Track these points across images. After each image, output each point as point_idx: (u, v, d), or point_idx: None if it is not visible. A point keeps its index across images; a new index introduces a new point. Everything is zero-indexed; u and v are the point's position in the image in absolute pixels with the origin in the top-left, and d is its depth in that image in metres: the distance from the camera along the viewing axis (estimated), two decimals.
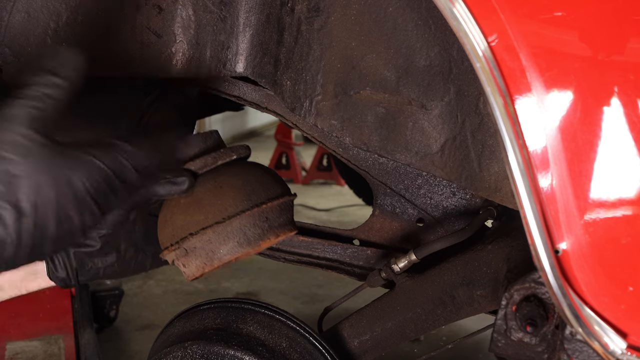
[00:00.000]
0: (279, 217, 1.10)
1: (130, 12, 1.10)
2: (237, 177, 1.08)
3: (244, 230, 1.06)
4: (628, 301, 0.85)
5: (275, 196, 1.09)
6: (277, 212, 1.10)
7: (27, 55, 1.19)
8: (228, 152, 1.11)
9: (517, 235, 1.06)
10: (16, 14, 1.18)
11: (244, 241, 1.06)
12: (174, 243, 1.07)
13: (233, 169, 1.10)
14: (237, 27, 1.08)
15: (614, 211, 0.84)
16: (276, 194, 1.10)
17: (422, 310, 1.17)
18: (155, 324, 3.01)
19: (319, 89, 1.13)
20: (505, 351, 0.96)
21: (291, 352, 1.15)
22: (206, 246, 1.06)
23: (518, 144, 0.84)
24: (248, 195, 1.06)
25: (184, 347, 1.12)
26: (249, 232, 1.06)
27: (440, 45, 1.04)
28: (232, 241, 1.05)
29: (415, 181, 1.27)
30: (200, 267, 1.07)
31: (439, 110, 1.08)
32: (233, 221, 1.04)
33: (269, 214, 1.08)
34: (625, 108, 0.81)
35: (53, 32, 1.17)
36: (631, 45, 0.81)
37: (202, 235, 1.05)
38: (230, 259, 1.06)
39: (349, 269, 1.35)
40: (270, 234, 1.08)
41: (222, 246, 1.05)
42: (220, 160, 1.10)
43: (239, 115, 8.39)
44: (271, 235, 1.08)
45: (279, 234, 1.09)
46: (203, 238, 1.05)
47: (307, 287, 3.47)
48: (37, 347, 2.29)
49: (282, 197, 1.10)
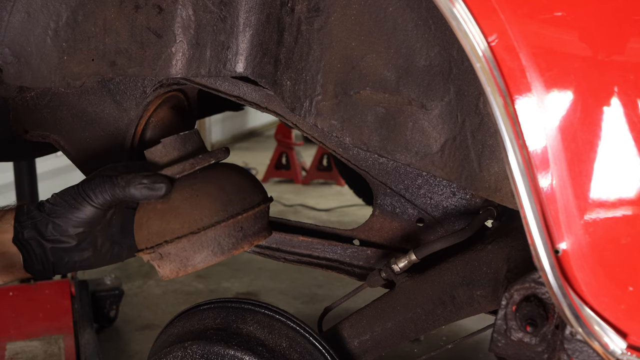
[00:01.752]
0: (253, 226, 1.13)
1: (129, 12, 1.10)
2: (214, 185, 1.10)
3: (218, 240, 1.08)
4: (628, 301, 0.85)
5: (251, 206, 1.12)
6: (252, 221, 1.12)
7: (28, 56, 1.19)
8: (206, 158, 1.12)
9: (517, 235, 1.06)
10: (16, 14, 1.18)
11: (217, 250, 1.09)
12: (149, 247, 1.09)
13: (210, 175, 1.11)
14: (237, 27, 1.08)
15: (614, 211, 0.84)
16: (252, 203, 1.12)
17: (422, 310, 1.17)
18: (155, 324, 3.01)
19: (319, 89, 1.13)
20: (505, 351, 0.96)
21: (291, 352, 1.14)
22: (180, 253, 1.08)
23: (518, 144, 0.84)
24: (224, 205, 1.08)
25: (184, 347, 1.12)
26: (223, 241, 1.09)
27: (440, 45, 1.04)
28: (206, 250, 1.08)
29: (415, 181, 1.27)
30: (174, 271, 1.11)
31: (439, 110, 1.08)
32: (208, 232, 1.07)
33: (244, 224, 1.11)
34: (625, 108, 0.81)
35: (53, 32, 1.17)
36: (631, 45, 0.81)
37: (177, 243, 1.07)
38: (204, 266, 1.09)
39: (349, 269, 1.35)
40: (244, 243, 1.11)
41: (196, 254, 1.08)
42: (198, 165, 1.11)
43: (239, 115, 8.39)
44: (245, 244, 1.11)
45: (252, 242, 1.13)
46: (178, 246, 1.08)
47: (307, 287, 3.47)
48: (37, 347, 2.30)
49: (257, 206, 1.13)
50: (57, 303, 2.53)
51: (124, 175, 1.08)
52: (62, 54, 1.17)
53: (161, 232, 1.08)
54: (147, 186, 1.06)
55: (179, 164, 1.10)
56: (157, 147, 1.12)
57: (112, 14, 1.12)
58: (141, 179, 1.06)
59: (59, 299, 2.55)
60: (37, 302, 2.49)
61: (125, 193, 1.06)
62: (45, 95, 1.36)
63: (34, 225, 1.08)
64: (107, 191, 1.07)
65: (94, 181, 1.08)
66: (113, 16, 1.12)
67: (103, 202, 1.07)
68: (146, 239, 1.10)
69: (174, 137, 1.12)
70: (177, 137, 1.12)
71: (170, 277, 1.11)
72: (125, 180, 1.06)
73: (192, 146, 1.13)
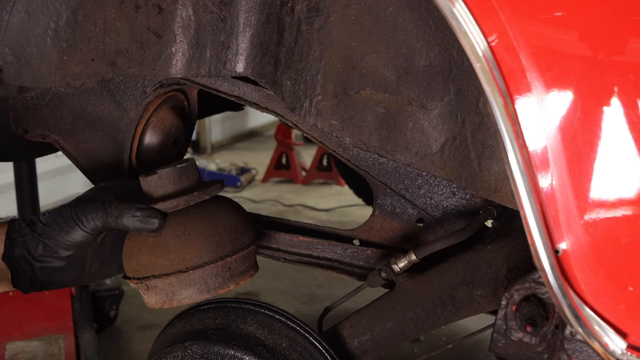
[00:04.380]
0: (241, 266, 1.15)
1: (129, 12, 1.10)
2: (206, 224, 1.11)
3: (205, 279, 1.10)
4: (628, 301, 0.85)
5: (240, 247, 1.14)
6: (240, 262, 1.14)
7: (28, 56, 1.19)
8: (200, 195, 1.12)
9: (517, 235, 1.06)
10: (16, 14, 1.18)
11: (204, 289, 1.11)
12: (137, 278, 1.11)
13: (203, 213, 1.12)
14: (237, 27, 1.08)
15: (614, 211, 0.84)
16: (242, 245, 1.14)
17: (422, 310, 1.17)
18: (155, 324, 3.01)
19: (319, 89, 1.13)
20: (505, 351, 0.96)
21: (291, 352, 1.15)
22: (167, 288, 1.10)
23: (518, 144, 0.84)
24: (214, 246, 1.10)
25: (184, 347, 1.12)
26: (210, 281, 1.11)
27: (440, 45, 1.04)
28: (192, 288, 1.10)
29: (415, 181, 1.27)
30: (160, 302, 1.12)
31: (439, 110, 1.08)
32: (196, 272, 1.09)
33: (232, 265, 1.13)
34: (625, 108, 0.81)
35: (53, 32, 1.17)
36: (631, 45, 0.81)
37: (165, 279, 1.09)
38: (189, 302, 1.11)
39: (349, 269, 1.35)
40: (231, 283, 1.14)
41: (183, 291, 1.10)
42: (193, 202, 1.11)
43: (239, 115, 8.38)
44: (231, 283, 1.14)
45: (239, 282, 1.15)
46: (165, 281, 1.09)
47: (307, 287, 3.46)
48: (37, 347, 2.30)
49: (247, 248, 1.15)
50: (57, 303, 2.53)
51: (117, 204, 1.09)
52: (62, 54, 1.17)
53: (150, 266, 1.10)
54: (139, 219, 1.08)
55: (173, 199, 1.10)
56: (153, 177, 1.12)
57: (112, 14, 1.12)
58: (134, 212, 1.08)
59: (59, 299, 2.55)
60: (37, 302, 2.49)
61: (117, 223, 1.08)
62: (45, 95, 1.36)
63: (24, 243, 1.09)
64: (100, 219, 1.08)
65: (88, 206, 1.09)
66: (113, 16, 1.12)
67: (94, 227, 1.09)
68: (134, 269, 1.12)
69: (170, 170, 1.12)
70: (173, 170, 1.12)
71: (155, 307, 1.13)
72: (118, 210, 1.08)
73: (187, 180, 1.13)
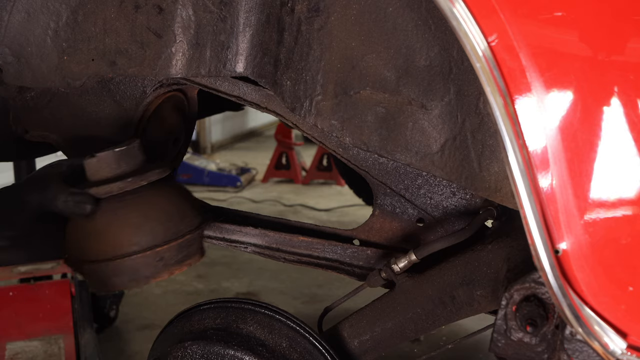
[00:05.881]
0: (176, 256, 1.13)
1: (129, 12, 1.10)
2: (138, 213, 1.11)
3: (136, 268, 1.10)
4: (628, 301, 0.85)
5: (175, 236, 1.12)
6: (175, 251, 1.13)
7: (28, 56, 1.19)
8: (136, 181, 1.11)
9: (517, 235, 1.06)
10: (16, 14, 1.18)
11: (134, 277, 1.11)
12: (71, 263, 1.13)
13: (138, 200, 1.12)
14: (237, 27, 1.08)
15: (614, 211, 0.84)
16: (177, 234, 1.13)
17: (422, 310, 1.17)
18: (155, 324, 3.01)
19: (319, 89, 1.13)
20: (505, 351, 0.96)
21: (291, 352, 1.14)
22: (99, 274, 1.11)
23: (518, 144, 0.84)
24: (145, 235, 1.10)
25: (184, 347, 1.12)
26: (141, 270, 1.11)
27: (440, 45, 1.04)
28: (124, 276, 1.11)
29: (415, 181, 1.27)
30: (94, 286, 1.14)
31: (439, 110, 1.08)
32: (126, 260, 1.09)
33: (164, 254, 1.12)
34: (625, 108, 0.81)
35: (53, 32, 1.17)
36: (631, 45, 0.81)
37: (96, 265, 1.10)
38: (122, 289, 1.11)
39: (349, 269, 1.35)
40: (164, 272, 1.13)
41: (114, 278, 1.11)
42: (127, 188, 1.11)
43: (239, 115, 8.38)
44: (165, 273, 1.13)
45: (173, 271, 1.14)
46: (96, 268, 1.10)
47: (307, 287, 3.46)
48: (37, 347, 2.29)
49: (182, 237, 1.13)
50: (57, 303, 2.53)
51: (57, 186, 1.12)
52: (62, 54, 1.17)
53: (82, 251, 1.11)
54: (72, 204, 1.10)
55: (107, 185, 1.10)
56: (92, 160, 1.12)
57: (112, 14, 1.12)
58: (67, 196, 1.10)
59: (59, 299, 2.54)
60: (37, 302, 2.49)
61: (53, 205, 1.11)
62: (45, 95, 1.36)
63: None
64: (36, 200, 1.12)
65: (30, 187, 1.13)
66: (113, 16, 1.12)
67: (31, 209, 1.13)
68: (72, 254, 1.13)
69: (109, 153, 1.12)
70: (112, 154, 1.12)
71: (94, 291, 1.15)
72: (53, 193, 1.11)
73: (127, 164, 1.13)
